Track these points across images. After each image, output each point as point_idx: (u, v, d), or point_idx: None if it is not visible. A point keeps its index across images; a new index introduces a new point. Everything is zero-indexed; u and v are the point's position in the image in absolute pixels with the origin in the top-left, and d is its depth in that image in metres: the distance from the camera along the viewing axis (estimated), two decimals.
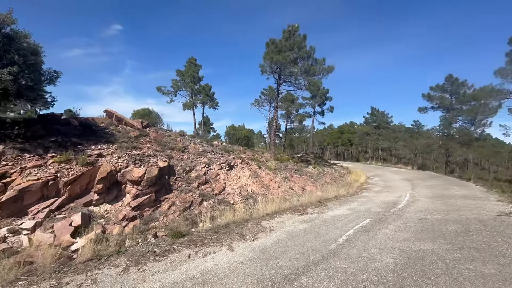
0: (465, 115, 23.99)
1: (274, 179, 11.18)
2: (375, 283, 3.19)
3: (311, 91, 26.96)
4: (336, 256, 4.12)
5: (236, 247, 4.64)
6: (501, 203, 8.11)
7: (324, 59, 16.31)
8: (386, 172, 21.68)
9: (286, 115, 40.85)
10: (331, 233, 5.35)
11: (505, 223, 5.76)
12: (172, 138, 10.93)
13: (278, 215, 7.11)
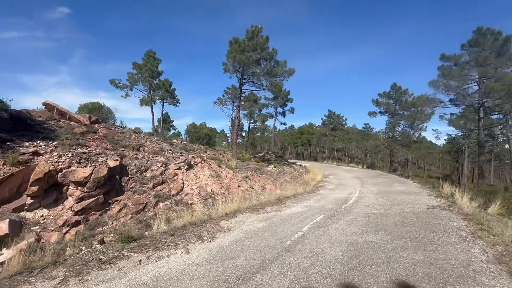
0: (406, 120, 27.07)
1: (235, 179, 11.17)
2: (324, 276, 3.39)
3: (273, 92, 27.60)
4: (290, 252, 4.28)
5: (192, 249, 4.51)
6: (431, 197, 9.33)
7: (286, 62, 16.84)
8: (340, 171, 23.28)
9: (249, 115, 41.10)
10: (287, 230, 5.54)
11: (433, 214, 6.65)
12: (126, 135, 10.16)
13: (237, 215, 7.11)
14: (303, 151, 61.15)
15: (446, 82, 17.93)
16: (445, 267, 3.61)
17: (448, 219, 6.13)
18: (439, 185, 12.75)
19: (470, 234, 5.00)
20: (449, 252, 4.13)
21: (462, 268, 3.58)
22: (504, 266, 3.64)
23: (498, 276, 3.36)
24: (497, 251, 4.20)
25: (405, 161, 46.63)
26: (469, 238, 4.77)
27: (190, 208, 7.45)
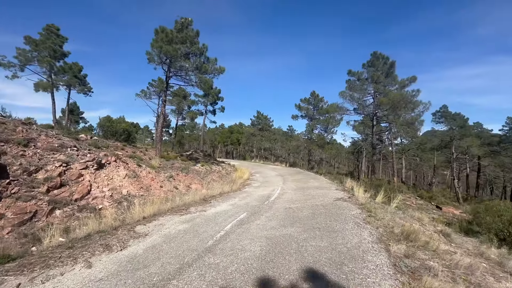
0: (321, 124, 30.92)
1: (156, 179, 10.32)
2: (242, 272, 3.47)
3: (203, 89, 26.96)
4: (211, 252, 4.21)
5: (96, 261, 3.89)
6: (337, 191, 10.91)
7: (216, 59, 16.64)
8: (266, 169, 24.66)
9: (178, 111, 38.89)
10: (210, 230, 5.46)
11: (337, 205, 7.78)
12: (8, 127, 8.01)
13: (157, 218, 6.58)
14: (233, 150, 62.05)
15: (351, 94, 21.38)
16: (342, 250, 4.24)
17: (348, 209, 7.27)
18: (344, 180, 15.05)
19: (362, 220, 6.06)
20: (347, 237, 4.88)
21: (355, 249, 4.29)
22: (383, 245, 4.54)
23: (378, 253, 4.16)
24: (379, 232, 5.21)
25: (320, 160, 53.21)
26: (361, 224, 5.77)
27: (98, 214, 6.44)
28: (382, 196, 9.60)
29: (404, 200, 19.97)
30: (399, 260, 3.91)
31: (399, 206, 10.37)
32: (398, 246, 4.38)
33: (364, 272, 3.49)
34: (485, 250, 5.30)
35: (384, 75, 20.26)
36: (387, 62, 20.56)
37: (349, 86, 21.76)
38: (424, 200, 21.37)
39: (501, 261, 4.80)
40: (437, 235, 5.88)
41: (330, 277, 3.33)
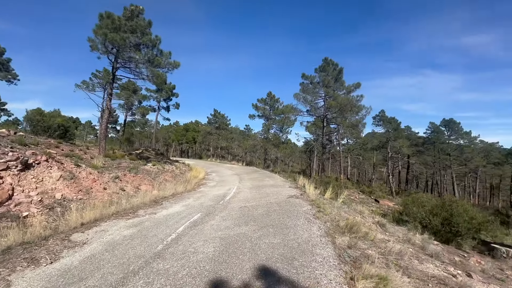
0: (277, 124, 31.93)
1: (99, 180, 9.31)
2: (193, 276, 3.34)
3: (156, 84, 25.35)
4: (160, 258, 3.96)
5: (18, 279, 3.31)
6: (291, 188, 11.39)
7: (170, 53, 15.77)
8: (222, 168, 24.42)
9: (127, 106, 35.86)
10: (160, 234, 5.14)
11: (290, 202, 8.12)
12: None
13: (99, 223, 5.93)
14: (188, 148, 59.92)
15: (305, 96, 22.56)
16: (294, 246, 4.43)
17: (300, 206, 7.64)
18: (297, 178, 15.79)
19: (312, 216, 6.43)
20: (298, 233, 5.11)
21: (305, 244, 4.51)
22: (330, 238, 4.89)
23: (326, 246, 4.46)
24: (327, 226, 5.60)
25: (275, 159, 54.92)
26: (311, 219, 6.12)
27: (22, 223, 5.51)
28: (330, 192, 10.35)
29: (349, 195, 21.89)
30: (343, 251, 4.24)
31: (345, 201, 11.33)
32: (342, 238, 4.76)
33: (313, 265, 3.70)
34: (412, 237, 6.14)
35: (333, 80, 21.90)
36: (336, 68, 22.27)
37: (302, 89, 22.92)
38: (365, 195, 23.79)
39: (423, 245, 5.61)
40: (375, 226, 6.58)
41: (282, 273, 3.43)
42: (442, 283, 3.48)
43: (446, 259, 5.11)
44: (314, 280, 3.23)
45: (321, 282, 3.19)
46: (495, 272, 5.28)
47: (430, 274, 3.78)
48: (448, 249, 6.87)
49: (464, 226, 7.46)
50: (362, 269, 3.48)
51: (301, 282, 3.19)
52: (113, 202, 7.80)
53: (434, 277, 3.64)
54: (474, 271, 4.61)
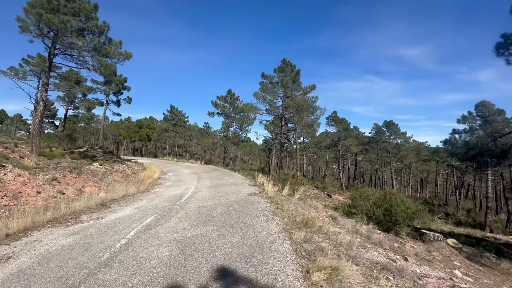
0: (237, 122, 31.89)
1: (31, 183, 8.06)
2: (145, 285, 3.10)
3: (104, 75, 23.07)
4: (107, 267, 3.59)
5: None
6: (250, 186, 11.48)
7: (121, 42, 14.46)
8: (180, 167, 23.44)
9: (68, 99, 32.07)
10: (108, 240, 4.67)
11: (250, 200, 8.17)
12: None
13: (30, 233, 5.13)
14: (142, 146, 56.08)
15: (264, 96, 22.96)
16: (253, 243, 4.44)
17: (259, 203, 7.73)
18: (256, 176, 15.99)
19: (270, 213, 6.56)
20: (257, 230, 5.16)
21: (264, 241, 4.57)
22: (287, 233, 5.04)
23: (283, 242, 4.58)
24: (284, 222, 5.76)
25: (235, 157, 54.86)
26: (270, 216, 6.24)
27: None
28: (287, 189, 10.72)
29: (305, 191, 23.03)
30: (299, 246, 4.41)
31: (301, 197, 11.87)
32: (299, 233, 4.95)
33: (271, 261, 3.75)
34: (359, 228, 6.71)
35: (291, 81, 22.75)
36: (294, 69, 23.16)
37: (262, 88, 23.29)
38: (319, 190, 25.33)
39: (369, 235, 6.19)
40: (328, 219, 7.02)
41: (240, 272, 3.40)
42: (384, 268, 3.86)
43: (387, 246, 5.72)
44: (272, 277, 3.28)
45: (279, 278, 3.26)
46: (425, 254, 6.14)
47: (374, 261, 4.17)
48: (388, 236, 7.72)
49: (401, 216, 8.50)
50: (317, 262, 3.66)
51: (259, 280, 3.21)
52: (49, 208, 6.84)
53: (378, 264, 4.02)
54: (409, 255, 5.26)
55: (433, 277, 3.87)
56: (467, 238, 13.27)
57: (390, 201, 8.93)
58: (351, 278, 3.39)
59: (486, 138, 16.46)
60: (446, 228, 16.61)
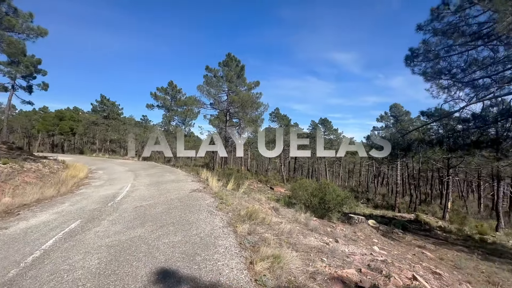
0: (179, 116, 30.31)
1: None
2: None
3: (8, 54, 18.80)
4: (14, 286, 2.96)
5: None
6: (193, 182, 11.10)
7: (32, 15, 12.00)
8: (113, 165, 21.06)
9: None
10: (15, 255, 3.86)
11: (193, 197, 7.90)
12: None
13: None
14: (63, 141, 48.21)
15: (208, 89, 22.39)
16: (196, 241, 4.31)
17: (203, 199, 7.55)
18: (200, 172, 15.56)
19: (215, 208, 6.48)
20: (200, 227, 5.03)
21: (208, 237, 4.48)
22: (232, 227, 5.06)
23: (228, 236, 4.58)
24: (229, 217, 5.77)
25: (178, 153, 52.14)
26: (214, 211, 6.16)
27: None
28: (232, 184, 10.78)
29: (249, 185, 23.60)
30: (243, 238, 4.48)
31: (246, 191, 12.09)
32: (243, 226, 5.03)
33: (215, 257, 3.71)
34: (298, 216, 7.24)
35: (236, 76, 22.75)
36: (239, 64, 23.20)
37: (206, 81, 22.63)
38: (262, 184, 26.32)
39: (307, 222, 6.73)
40: (270, 211, 7.35)
41: (183, 272, 3.26)
42: (319, 251, 4.26)
43: (322, 231, 6.33)
44: (216, 272, 3.25)
45: (223, 272, 3.25)
46: (352, 235, 7.05)
47: (311, 245, 4.55)
48: (323, 222, 8.57)
49: (333, 203, 9.56)
50: (260, 252, 3.79)
51: (203, 277, 3.14)
52: None
53: (314, 248, 4.41)
54: (339, 237, 5.95)
55: (358, 254, 4.46)
56: (383, 218, 15.80)
57: (324, 191, 9.92)
58: (291, 264, 3.62)
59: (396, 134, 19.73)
60: (367, 211, 19.41)
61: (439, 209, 25.22)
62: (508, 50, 10.19)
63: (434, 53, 11.11)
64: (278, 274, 3.31)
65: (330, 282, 3.21)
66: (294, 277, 3.33)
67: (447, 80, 11.69)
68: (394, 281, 3.21)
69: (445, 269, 6.81)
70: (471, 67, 11.07)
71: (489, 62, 10.65)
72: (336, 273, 3.38)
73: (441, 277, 4.90)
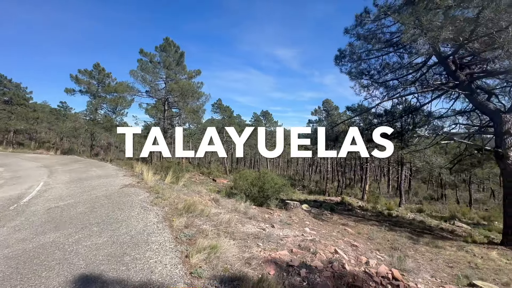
0: (108, 104, 26.89)
1: None
2: None
3: None
4: None
5: None
6: (125, 177, 10.09)
7: None
8: (20, 160, 17.39)
9: None
10: None
11: (124, 193, 7.19)
12: None
13: None
14: None
15: (144, 75, 20.44)
16: (125, 240, 3.95)
17: (136, 194, 6.95)
18: (135, 166, 14.25)
19: (149, 203, 6.05)
20: (131, 225, 4.62)
21: (139, 235, 4.16)
22: (167, 222, 4.82)
23: (163, 231, 4.35)
24: (165, 211, 5.47)
25: (108, 145, 46.63)
26: (148, 207, 5.74)
27: None
28: (170, 177, 10.22)
29: (191, 177, 22.90)
30: (180, 232, 4.33)
31: (186, 183, 11.66)
32: (180, 219, 4.85)
33: (147, 255, 3.48)
34: (238, 206, 7.39)
35: (175, 63, 21.34)
36: (178, 50, 21.79)
37: (141, 67, 20.57)
38: (205, 176, 25.89)
39: (246, 211, 6.93)
40: (211, 202, 7.29)
41: (108, 275, 2.96)
42: (256, 237, 4.45)
43: (260, 218, 6.62)
44: (148, 271, 3.05)
45: (156, 270, 3.08)
46: (287, 219, 7.61)
47: (249, 232, 4.71)
48: (262, 210, 8.98)
49: (271, 191, 10.09)
50: (197, 244, 3.72)
51: (132, 277, 2.90)
52: None
53: (251, 234, 4.57)
54: (275, 222, 6.33)
55: (291, 236, 4.83)
56: (315, 202, 17.54)
57: (264, 180, 10.36)
58: (228, 252, 3.68)
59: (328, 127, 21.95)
60: (302, 197, 21.22)
61: (359, 191, 29.41)
62: (411, 58, 12.33)
63: (357, 55, 12.60)
64: (215, 264, 3.33)
65: (264, 265, 3.39)
66: (230, 264, 3.40)
67: (367, 80, 13.48)
68: (319, 256, 3.59)
69: (361, 241, 8.02)
70: (384, 70, 13.00)
71: (397, 67, 12.69)
72: (270, 256, 3.59)
73: (357, 248, 5.75)
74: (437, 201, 29.71)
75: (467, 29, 7.38)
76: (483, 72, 10.57)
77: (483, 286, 4.39)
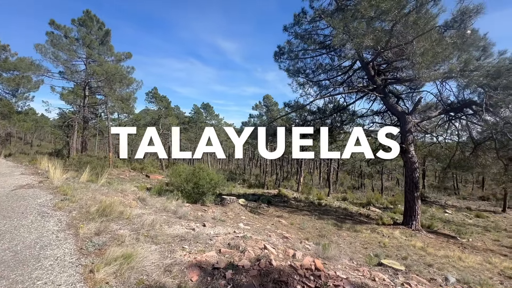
0: (6, 84, 21.53)
1: None
2: None
3: None
4: None
5: None
6: (23, 176, 8.18)
7: None
8: None
9: None
10: None
11: (17, 196, 5.74)
12: None
13: None
14: None
15: (55, 52, 16.98)
16: (5, 258, 3.06)
17: (34, 197, 5.63)
18: (41, 161, 11.77)
19: (51, 208, 4.95)
20: (19, 237, 3.65)
21: (29, 249, 3.30)
22: (73, 229, 3.99)
23: (64, 242, 3.56)
24: (71, 217, 4.55)
25: (7, 136, 37.81)
26: (49, 212, 4.69)
27: None
28: (88, 174, 8.77)
29: (119, 174, 20.48)
30: (87, 241, 3.62)
31: (110, 181, 10.24)
32: (90, 225, 4.08)
33: (34, 275, 2.75)
34: (168, 204, 6.79)
35: (99, 42, 18.39)
36: (102, 28, 18.82)
37: (51, 41, 16.96)
38: (137, 172, 23.54)
39: (176, 210, 6.41)
40: (135, 202, 6.49)
41: None
42: (183, 239, 4.07)
43: (191, 217, 6.21)
44: None
45: None
46: (221, 216, 7.40)
47: (175, 234, 4.30)
48: (195, 207, 8.53)
49: (207, 187, 9.71)
50: (106, 255, 3.14)
51: None
52: None
53: (177, 236, 4.18)
54: (208, 220, 6.04)
55: (222, 234, 4.62)
56: (254, 195, 17.91)
57: (198, 175, 9.89)
58: (146, 260, 3.23)
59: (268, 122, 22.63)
60: (242, 191, 21.44)
61: (295, 183, 31.56)
62: (340, 60, 13.56)
63: (295, 53, 13.16)
64: (127, 276, 2.85)
65: (187, 270, 3.08)
66: (147, 275, 2.97)
67: (303, 78, 14.26)
68: (247, 254, 3.48)
69: (293, 232, 8.46)
70: (318, 70, 13.96)
71: (329, 68, 13.79)
72: (195, 259, 3.29)
73: (288, 239, 5.96)
74: (358, 190, 34.35)
75: (383, 39, 8.43)
76: (394, 79, 12.43)
77: (388, 264, 5.08)
